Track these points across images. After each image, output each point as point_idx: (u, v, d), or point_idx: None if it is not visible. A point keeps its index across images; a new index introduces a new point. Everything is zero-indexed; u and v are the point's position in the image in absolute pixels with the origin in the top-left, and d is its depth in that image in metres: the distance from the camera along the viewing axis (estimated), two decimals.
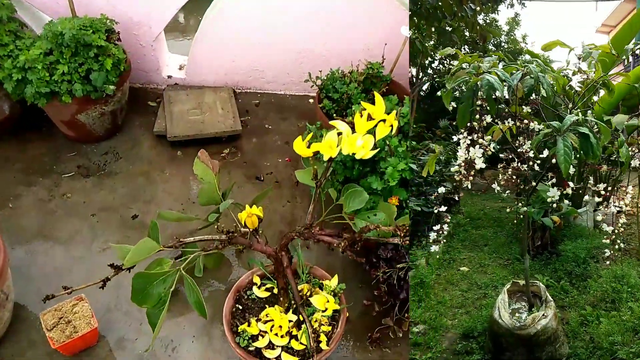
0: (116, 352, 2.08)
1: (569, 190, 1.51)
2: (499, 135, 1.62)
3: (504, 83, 1.47)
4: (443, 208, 1.80)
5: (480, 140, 1.56)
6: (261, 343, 1.83)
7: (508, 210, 2.83)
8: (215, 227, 1.61)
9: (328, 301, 1.71)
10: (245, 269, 2.40)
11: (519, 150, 1.62)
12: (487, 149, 1.56)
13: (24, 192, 2.64)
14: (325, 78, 2.74)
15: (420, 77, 4.33)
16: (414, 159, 2.87)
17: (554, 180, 1.53)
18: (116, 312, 2.18)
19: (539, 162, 1.59)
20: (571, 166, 1.39)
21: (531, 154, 1.58)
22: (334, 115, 2.69)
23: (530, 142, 1.58)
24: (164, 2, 2.92)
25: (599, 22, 5.16)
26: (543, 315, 1.68)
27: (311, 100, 3.38)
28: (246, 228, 1.78)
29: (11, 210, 2.54)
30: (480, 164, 1.55)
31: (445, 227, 1.74)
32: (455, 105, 1.57)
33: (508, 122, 1.62)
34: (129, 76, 2.84)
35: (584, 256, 2.39)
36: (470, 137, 1.56)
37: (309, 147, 1.48)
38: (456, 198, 2.74)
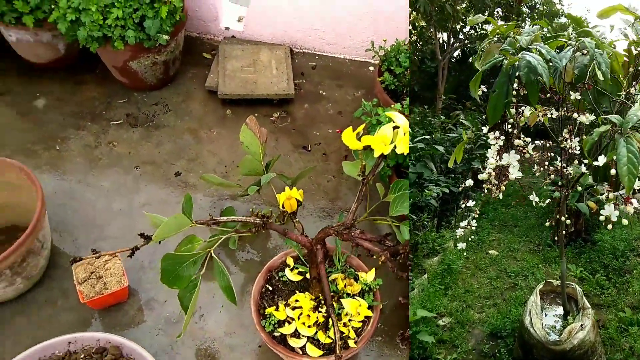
0: (144, 312, 2.07)
1: (631, 209, 1.17)
2: (535, 120, 1.31)
3: (549, 64, 1.14)
4: (470, 203, 1.53)
5: (517, 141, 1.26)
6: (287, 330, 1.75)
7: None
8: (251, 210, 1.51)
9: (360, 305, 1.60)
10: (283, 240, 2.32)
11: (562, 145, 1.32)
12: (524, 152, 1.28)
13: (72, 135, 2.63)
14: (389, 49, 2.54)
15: (451, 42, 3.87)
16: (443, 133, 2.62)
17: (610, 194, 1.21)
18: (149, 272, 2.16)
19: (586, 161, 1.29)
20: (637, 178, 1.07)
21: (577, 151, 1.29)
22: (394, 90, 2.50)
23: (578, 139, 1.29)
24: None
25: None
26: (581, 326, 1.49)
27: (371, 69, 3.18)
28: (283, 209, 1.68)
29: (57, 152, 2.54)
30: (515, 173, 1.25)
31: (474, 222, 1.51)
32: (485, 90, 1.25)
33: (551, 113, 1.32)
34: (185, 26, 2.73)
35: (623, 248, 2.15)
36: (503, 138, 1.27)
37: (359, 139, 1.34)
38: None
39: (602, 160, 1.17)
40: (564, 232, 1.60)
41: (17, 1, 2.39)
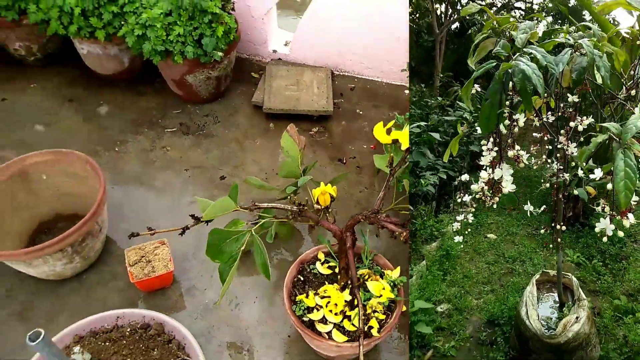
0: (185, 298, 2.25)
1: (627, 223, 1.12)
2: (529, 117, 1.28)
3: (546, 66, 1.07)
4: (467, 198, 1.44)
5: (511, 152, 1.22)
6: (315, 316, 1.90)
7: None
8: (289, 197, 1.69)
9: (384, 288, 1.74)
10: (315, 244, 2.48)
11: (559, 146, 1.29)
12: (518, 162, 1.24)
13: (130, 139, 2.90)
14: None
15: (449, 14, 3.55)
16: (440, 114, 2.54)
17: (606, 208, 1.17)
18: (192, 262, 2.36)
19: (584, 164, 1.23)
20: (634, 194, 1.01)
21: (576, 154, 1.24)
22: None
23: (575, 145, 1.25)
24: None
25: None
26: (576, 318, 1.53)
27: (407, 92, 3.36)
28: (318, 205, 1.85)
29: (116, 153, 2.81)
30: (509, 187, 1.22)
31: (470, 217, 1.47)
32: (478, 89, 1.22)
33: (547, 118, 1.29)
34: (237, 46, 2.99)
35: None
36: (496, 149, 1.22)
37: (389, 134, 1.51)
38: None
39: (598, 173, 1.14)
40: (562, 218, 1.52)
41: (93, 17, 2.70)
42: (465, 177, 1.43)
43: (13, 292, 2.21)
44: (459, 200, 1.48)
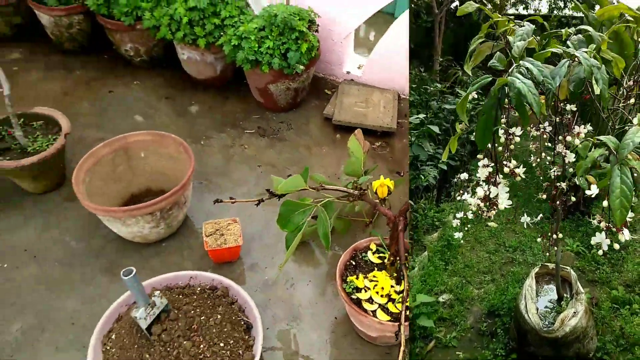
0: (247, 273, 2.54)
1: (622, 238, 1.13)
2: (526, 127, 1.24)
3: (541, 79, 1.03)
4: (466, 196, 1.36)
5: (506, 168, 1.19)
6: (363, 296, 2.12)
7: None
8: (352, 182, 1.95)
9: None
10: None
11: (555, 152, 1.26)
12: (515, 176, 1.20)
13: (214, 135, 3.28)
14: None
15: None
16: (440, 101, 2.48)
17: (602, 223, 1.15)
18: (258, 243, 2.65)
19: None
20: (629, 210, 0.97)
21: (573, 159, 1.22)
22: None
23: (574, 155, 1.22)
24: (360, 8, 3.39)
25: None
26: (573, 313, 1.56)
27: None
28: (376, 196, 2.10)
29: (202, 146, 3.19)
30: (505, 203, 1.21)
31: (469, 214, 1.40)
32: (475, 96, 1.26)
33: (544, 128, 1.28)
34: (316, 63, 3.34)
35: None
36: (491, 165, 1.19)
37: None
38: None
39: (594, 189, 1.11)
40: (560, 209, 1.51)
41: (197, 27, 3.13)
42: (464, 175, 1.48)
43: (104, 250, 2.57)
44: (459, 198, 1.51)
